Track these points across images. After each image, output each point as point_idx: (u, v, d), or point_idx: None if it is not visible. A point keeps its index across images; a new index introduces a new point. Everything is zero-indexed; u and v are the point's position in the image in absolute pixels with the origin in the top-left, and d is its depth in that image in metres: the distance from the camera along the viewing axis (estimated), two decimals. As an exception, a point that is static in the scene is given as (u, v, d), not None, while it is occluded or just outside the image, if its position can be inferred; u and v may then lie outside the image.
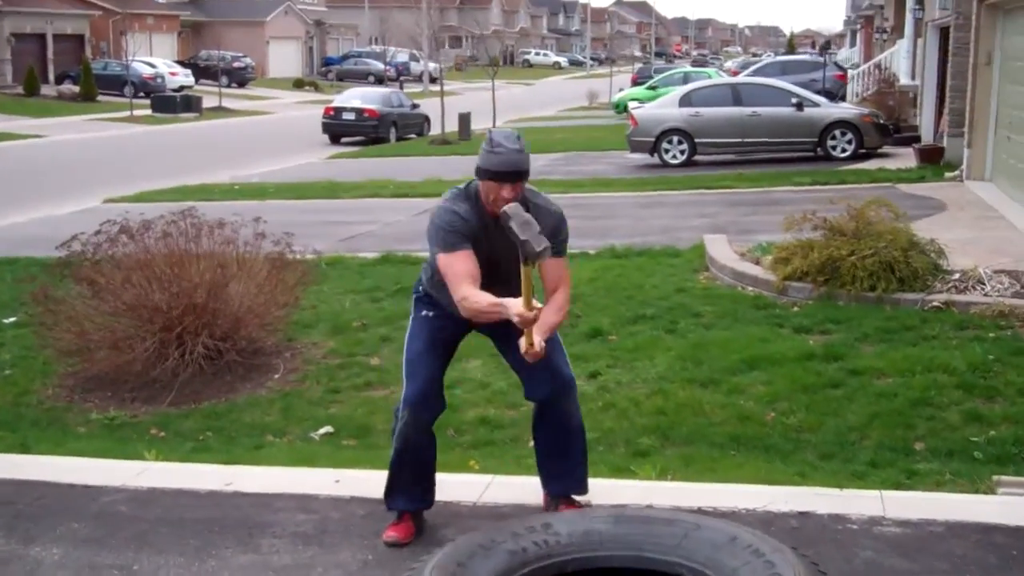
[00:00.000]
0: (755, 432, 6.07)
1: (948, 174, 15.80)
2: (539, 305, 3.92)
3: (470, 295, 4.06)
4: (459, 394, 6.95)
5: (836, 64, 35.42)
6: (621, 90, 45.82)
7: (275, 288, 7.79)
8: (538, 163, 22.39)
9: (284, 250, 8.13)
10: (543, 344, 4.03)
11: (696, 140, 20.41)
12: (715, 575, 3.25)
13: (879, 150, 19.96)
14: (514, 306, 3.92)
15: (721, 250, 10.16)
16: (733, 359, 7.15)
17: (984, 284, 8.37)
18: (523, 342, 4.03)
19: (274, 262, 7.96)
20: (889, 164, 18.19)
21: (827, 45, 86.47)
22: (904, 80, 26.85)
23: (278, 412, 6.92)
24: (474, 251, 4.17)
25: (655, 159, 20.63)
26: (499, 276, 4.15)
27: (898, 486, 5.06)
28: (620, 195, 16.82)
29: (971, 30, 16.09)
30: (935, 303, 8.08)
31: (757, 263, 9.52)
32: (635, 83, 46.70)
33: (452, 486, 4.91)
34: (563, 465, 4.59)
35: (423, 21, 49.00)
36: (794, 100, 20.14)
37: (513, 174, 4.08)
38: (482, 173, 4.14)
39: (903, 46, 27.44)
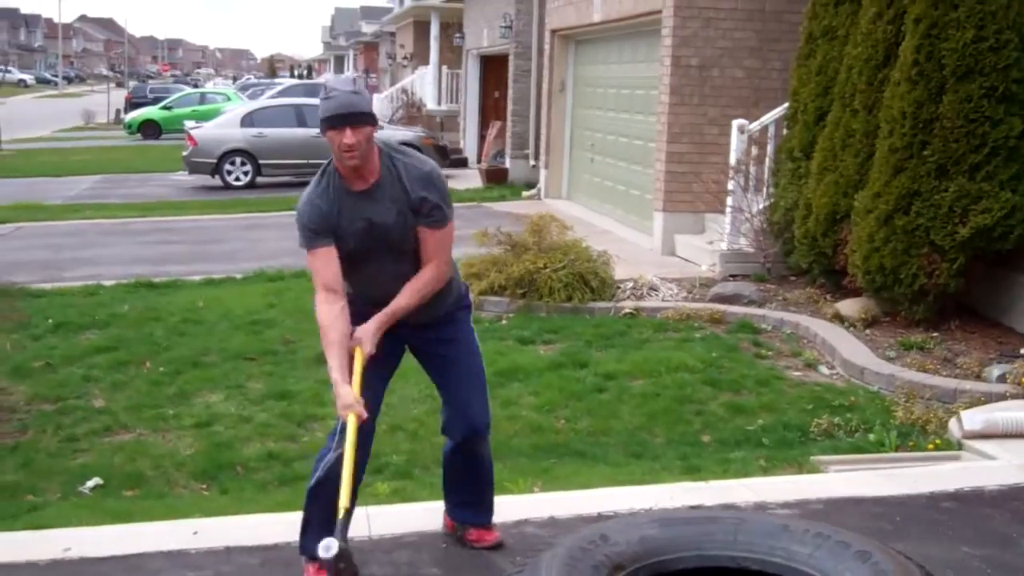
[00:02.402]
0: (557, 440, 6.28)
1: (525, 193, 16.97)
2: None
3: (321, 321, 3.84)
4: (221, 430, 6.49)
5: (356, 89, 36.24)
6: (119, 110, 43.75)
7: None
8: (80, 187, 20.93)
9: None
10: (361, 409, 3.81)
11: (260, 161, 20.14)
12: (796, 564, 3.42)
13: (438, 171, 20.91)
14: (344, 395, 3.75)
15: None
16: (488, 372, 7.28)
17: (657, 291, 9.21)
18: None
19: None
20: (457, 184, 19.11)
21: (309, 70, 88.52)
22: (431, 105, 28.36)
23: (18, 468, 6.01)
24: (337, 238, 3.89)
25: (216, 181, 20.05)
26: (368, 256, 3.92)
27: (735, 474, 5.50)
28: (212, 218, 16.18)
29: (532, 58, 17.48)
30: (626, 310, 8.77)
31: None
32: (131, 103, 44.68)
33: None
34: (472, 495, 4.44)
35: None
36: (357, 123, 20.54)
37: (350, 116, 3.73)
38: (322, 125, 3.79)
39: (428, 73, 28.97)
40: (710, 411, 6.67)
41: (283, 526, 4.51)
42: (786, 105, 9.93)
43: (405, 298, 3.96)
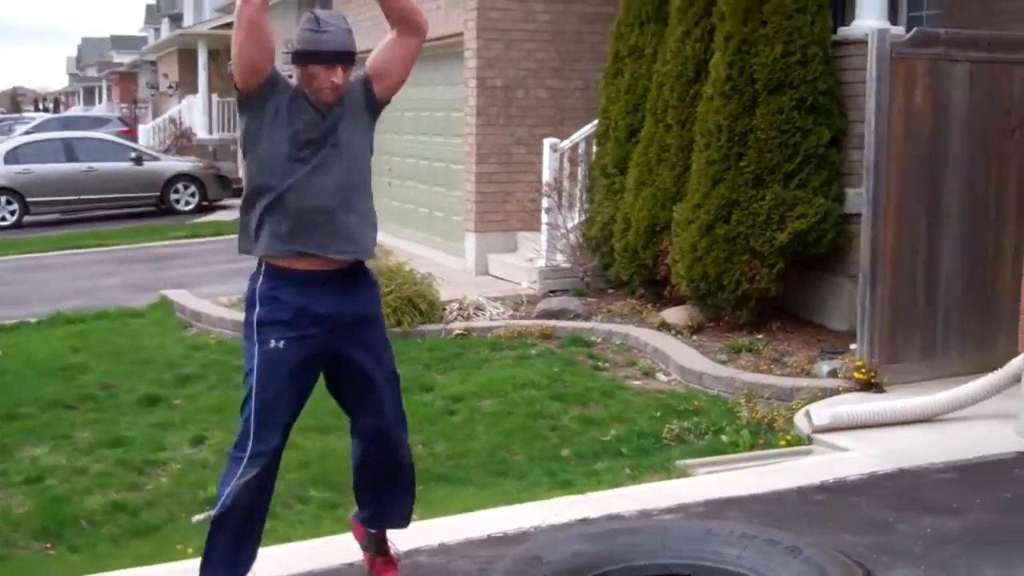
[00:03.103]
0: (418, 466, 5.98)
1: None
2: None
3: None
4: (55, 484, 6.03)
5: (120, 120, 34.92)
6: None
7: None
8: None
9: None
10: None
11: (28, 199, 18.99)
12: (727, 565, 3.45)
13: (221, 201, 20.30)
14: None
15: (201, 304, 9.86)
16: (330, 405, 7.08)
17: (484, 310, 9.21)
18: None
19: None
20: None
21: (56, 103, 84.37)
22: (202, 134, 27.57)
23: None
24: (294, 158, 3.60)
25: (-27, 224, 18.75)
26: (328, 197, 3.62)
27: (608, 485, 5.52)
28: (-17, 260, 15.12)
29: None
30: (457, 331, 8.72)
31: (255, 312, 9.38)
32: None
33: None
34: (394, 496, 4.23)
35: None
36: (132, 154, 19.77)
37: (345, 55, 3.56)
38: (306, 56, 3.54)
39: (198, 101, 28.14)
40: (563, 425, 6.70)
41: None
42: (595, 123, 10.14)
43: None
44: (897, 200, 6.83)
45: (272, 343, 3.65)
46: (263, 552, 4.57)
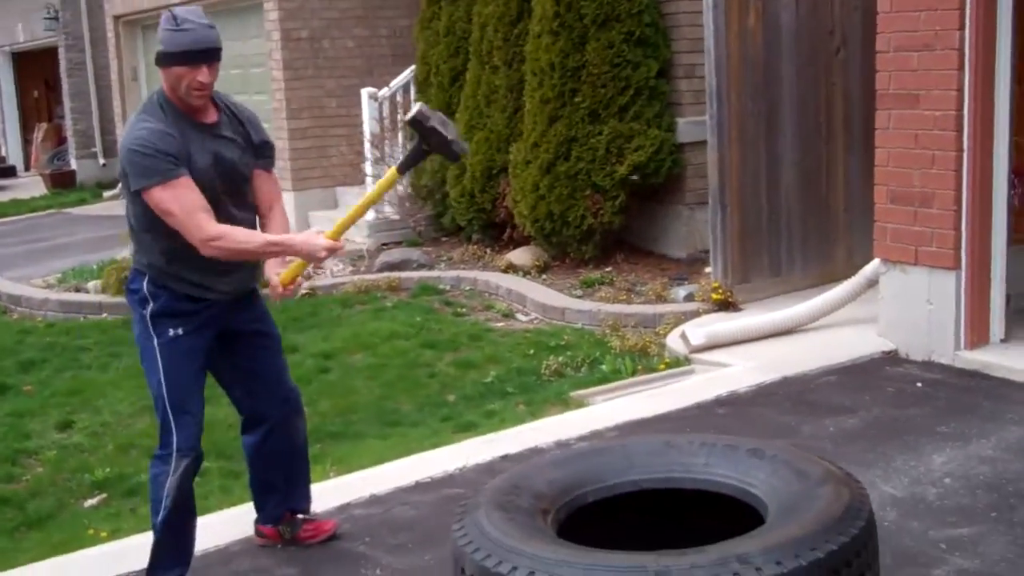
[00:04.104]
0: (314, 425, 5.99)
1: (107, 193, 15.87)
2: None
3: (227, 232, 3.42)
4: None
5: None
6: None
7: None
8: None
9: None
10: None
11: None
12: (699, 474, 3.53)
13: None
14: (314, 237, 3.53)
15: (19, 288, 9.29)
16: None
17: (323, 268, 9.02)
18: (280, 276, 3.63)
19: None
20: (19, 195, 17.46)
21: None
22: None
23: None
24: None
25: None
26: (211, 198, 3.49)
27: (514, 422, 5.53)
28: None
29: (86, 50, 16.34)
30: (303, 290, 8.50)
31: (78, 290, 8.90)
32: None
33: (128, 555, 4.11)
34: (296, 478, 4.13)
35: None
36: None
37: (209, 52, 3.43)
38: (168, 58, 3.41)
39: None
40: (441, 371, 6.67)
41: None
42: (412, 68, 10.02)
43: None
44: (739, 124, 7.07)
45: (171, 332, 3.60)
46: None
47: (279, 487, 4.05)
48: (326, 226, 3.68)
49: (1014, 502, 4.00)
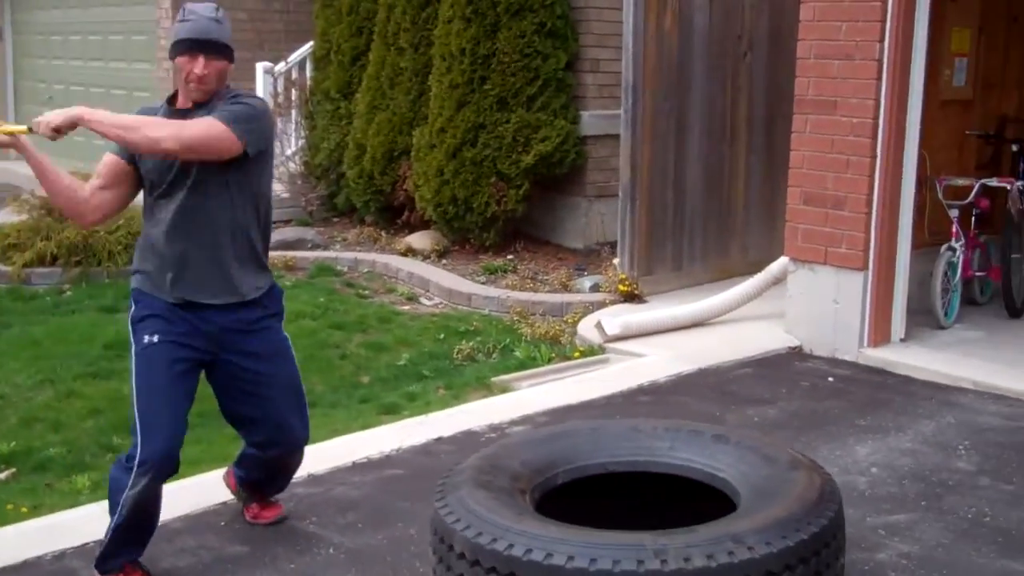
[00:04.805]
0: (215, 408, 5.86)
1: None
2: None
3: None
4: None
5: None
6: None
7: None
8: None
9: None
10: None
11: None
12: (664, 458, 3.62)
13: None
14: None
15: None
16: (95, 349, 6.59)
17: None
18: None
19: None
20: None
21: None
22: None
23: None
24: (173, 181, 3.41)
25: None
26: (172, 189, 3.43)
27: (439, 405, 5.52)
28: None
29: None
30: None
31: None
32: None
33: (64, 532, 3.98)
34: (277, 482, 4.08)
35: None
36: None
37: (206, 43, 3.37)
38: (173, 49, 3.42)
39: None
40: (353, 353, 6.61)
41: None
42: (310, 45, 9.87)
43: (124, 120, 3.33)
44: (652, 121, 7.23)
45: (147, 339, 3.44)
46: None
47: (261, 481, 3.98)
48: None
49: (940, 491, 4.23)
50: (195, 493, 4.24)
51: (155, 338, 3.43)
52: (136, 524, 3.48)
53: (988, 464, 4.49)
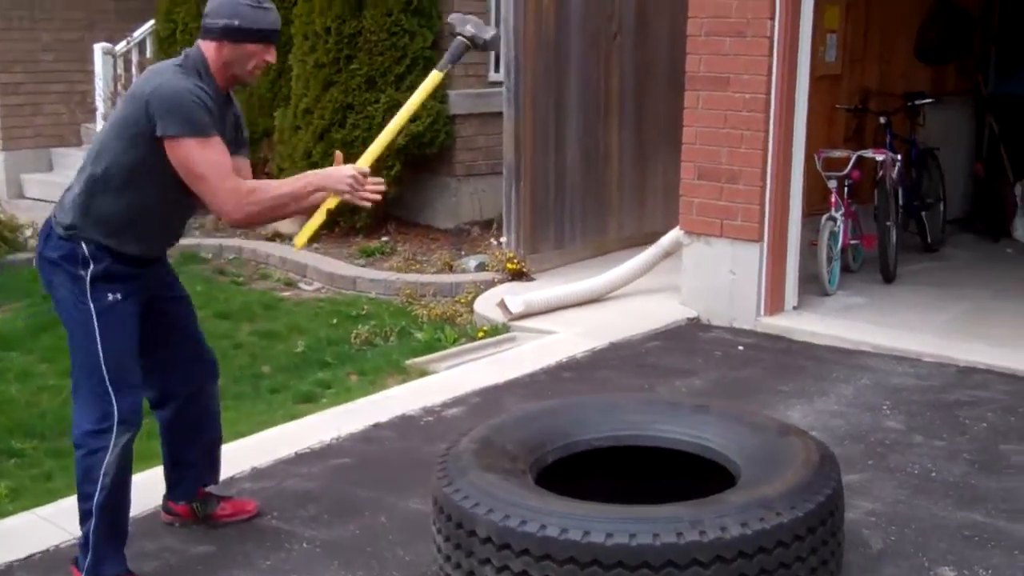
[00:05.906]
0: None
1: None
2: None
3: (258, 184, 3.33)
4: None
5: None
6: None
7: None
8: None
9: None
10: None
11: None
12: (649, 431, 3.65)
13: None
14: (349, 169, 3.43)
15: None
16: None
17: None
18: (299, 237, 3.60)
19: None
20: None
21: None
22: None
23: None
24: None
25: None
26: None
27: (364, 392, 5.37)
28: None
29: None
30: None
31: None
32: None
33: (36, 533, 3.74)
34: (210, 451, 3.90)
35: None
36: None
37: (280, 33, 3.42)
38: (246, 34, 3.27)
39: None
40: (246, 342, 6.38)
41: None
42: (151, 24, 9.42)
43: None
44: (532, 98, 7.23)
45: (110, 297, 3.33)
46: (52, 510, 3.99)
47: (195, 461, 3.79)
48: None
49: (881, 451, 4.42)
50: (143, 491, 3.98)
51: (118, 295, 3.32)
52: (119, 502, 3.36)
53: (915, 423, 4.71)
